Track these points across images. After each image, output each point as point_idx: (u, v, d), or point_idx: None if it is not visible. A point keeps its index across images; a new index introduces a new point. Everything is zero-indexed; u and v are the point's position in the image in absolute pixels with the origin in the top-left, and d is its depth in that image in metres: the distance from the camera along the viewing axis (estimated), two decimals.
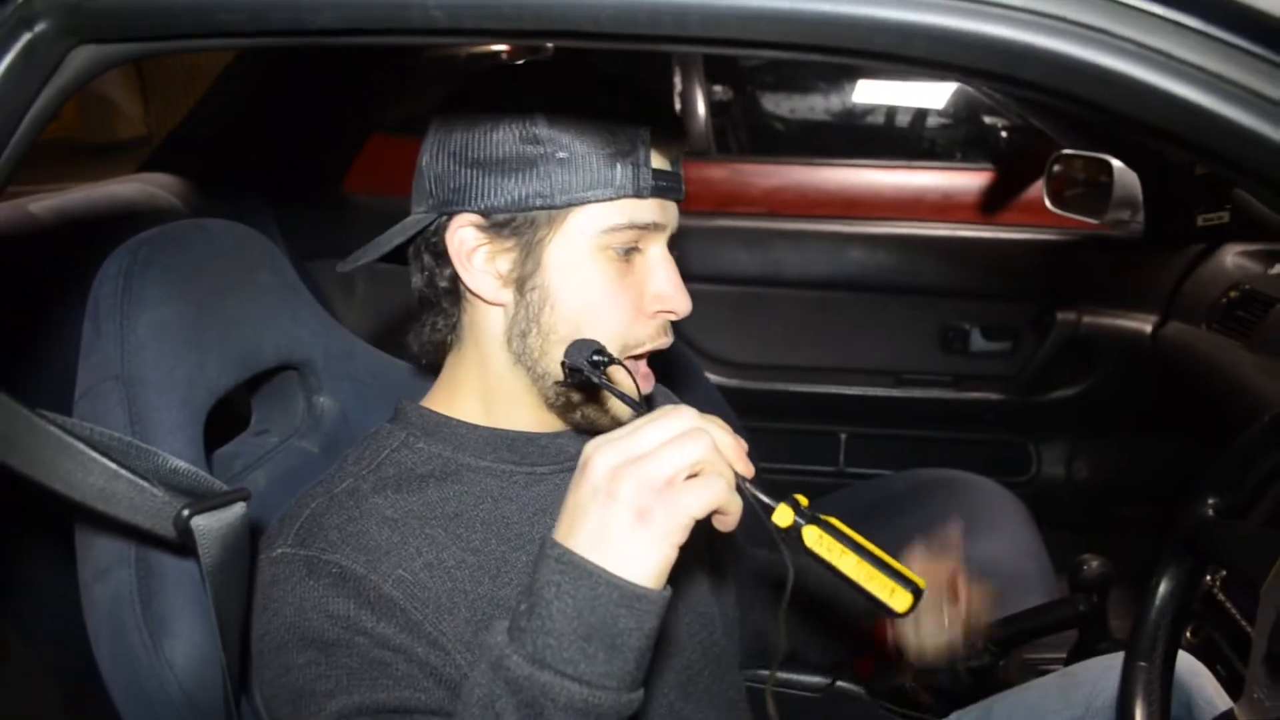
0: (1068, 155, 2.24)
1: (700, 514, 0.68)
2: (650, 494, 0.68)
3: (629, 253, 0.92)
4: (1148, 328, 2.18)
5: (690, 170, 3.29)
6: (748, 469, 0.72)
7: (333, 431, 1.12)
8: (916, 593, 0.71)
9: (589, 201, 0.89)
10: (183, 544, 0.73)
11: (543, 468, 0.99)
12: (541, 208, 0.90)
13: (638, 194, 0.89)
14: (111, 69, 0.71)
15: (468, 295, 0.96)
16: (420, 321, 1.00)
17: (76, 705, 1.26)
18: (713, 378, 2.35)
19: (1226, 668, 1.38)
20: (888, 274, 2.46)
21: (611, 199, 0.89)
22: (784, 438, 2.51)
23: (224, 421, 1.04)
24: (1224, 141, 0.60)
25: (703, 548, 0.80)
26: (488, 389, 0.98)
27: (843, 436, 2.51)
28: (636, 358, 0.95)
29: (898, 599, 0.71)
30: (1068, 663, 1.48)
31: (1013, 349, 2.46)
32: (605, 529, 0.68)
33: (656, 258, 0.93)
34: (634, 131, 0.90)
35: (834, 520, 0.74)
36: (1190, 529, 1.08)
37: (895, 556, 0.75)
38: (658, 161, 0.91)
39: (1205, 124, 0.59)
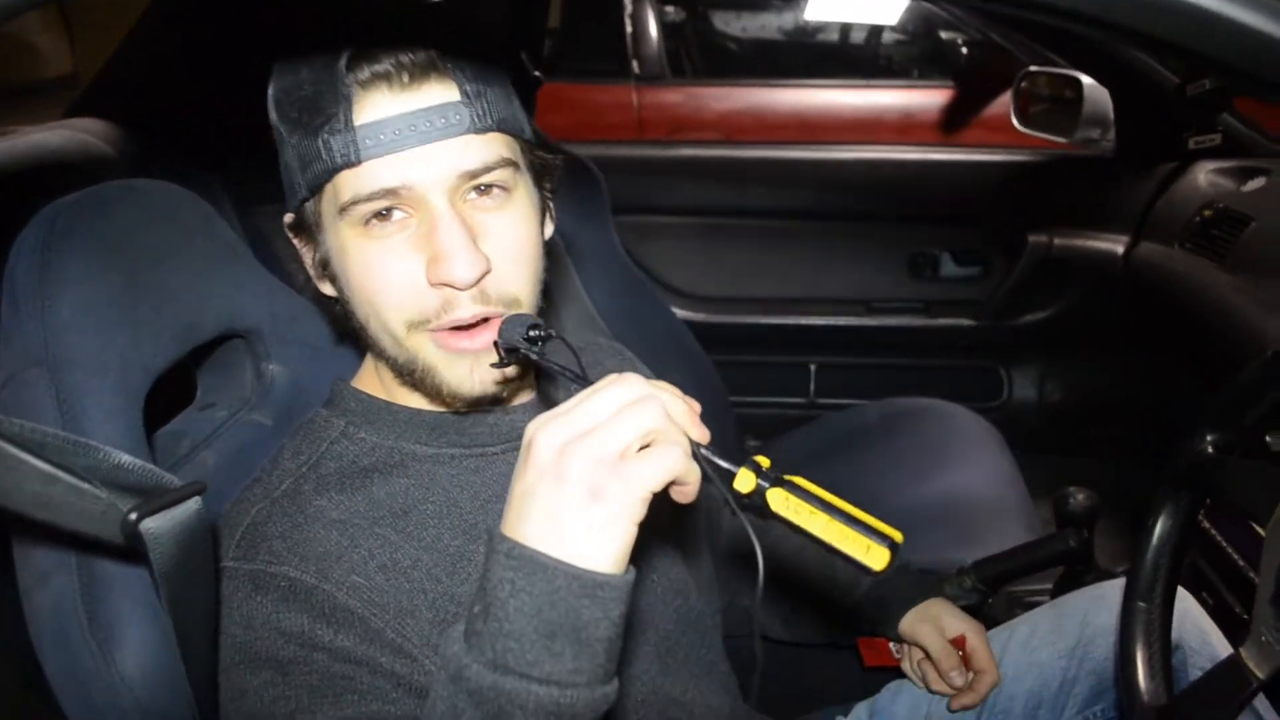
0: (1035, 72, 2.18)
1: (658, 486, 0.62)
2: (602, 470, 0.61)
3: (385, 215, 0.81)
4: (1120, 248, 2.14)
5: (645, 95, 3.22)
6: (702, 434, 0.66)
7: (285, 401, 1.05)
8: (893, 547, 0.66)
9: (319, 184, 0.82)
10: (132, 548, 0.65)
11: (493, 448, 0.93)
12: (296, 203, 0.86)
13: (346, 163, 0.80)
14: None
15: None
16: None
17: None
18: (679, 312, 2.29)
19: (1213, 595, 1.37)
20: (855, 201, 2.40)
21: (328, 178, 0.81)
22: (754, 370, 2.47)
23: (166, 396, 0.96)
24: (1237, 49, 0.55)
25: (666, 514, 0.75)
26: (383, 374, 0.93)
27: (813, 367, 2.47)
28: (456, 330, 0.84)
29: (874, 555, 0.66)
30: (1054, 595, 1.47)
31: (983, 273, 2.42)
32: (557, 514, 0.62)
33: (430, 218, 0.81)
34: (332, 93, 0.79)
35: (800, 480, 0.68)
36: (1188, 465, 1.05)
37: (867, 508, 0.69)
38: (388, 108, 0.79)
39: (1219, 31, 0.54)
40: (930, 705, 1.23)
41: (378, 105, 0.80)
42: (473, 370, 0.86)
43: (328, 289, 0.91)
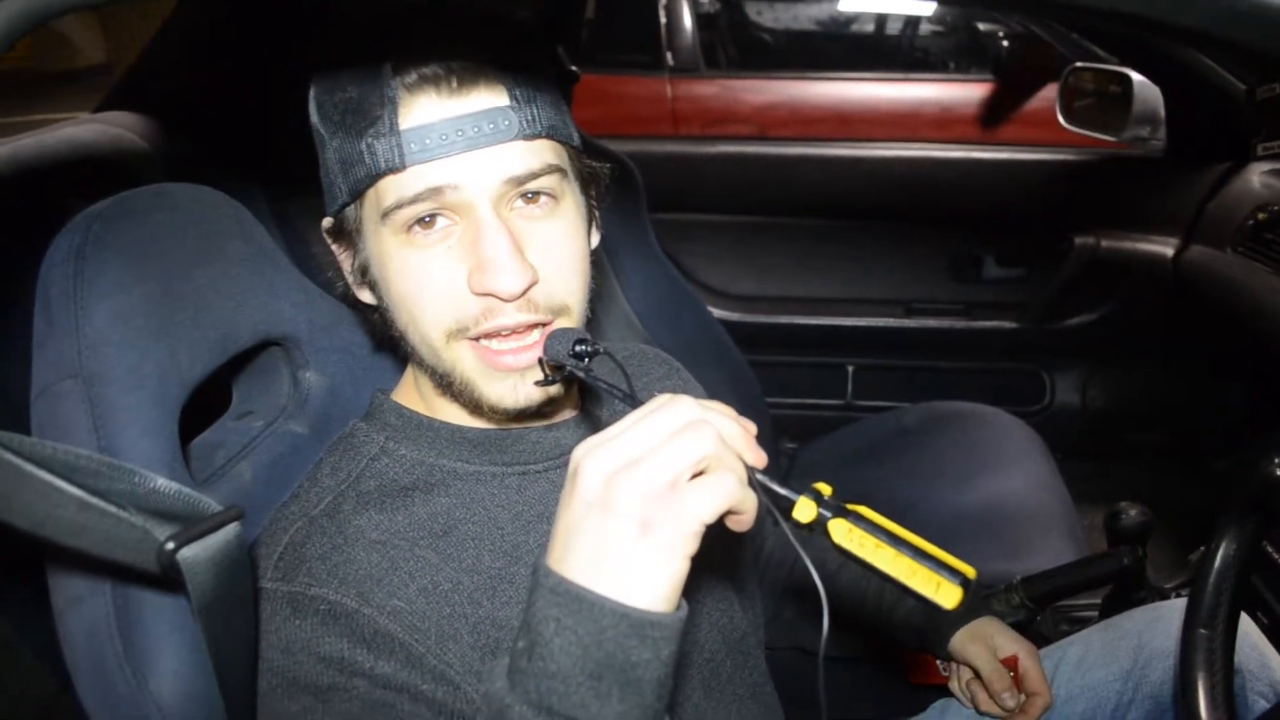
0: (1082, 68, 2.12)
1: (712, 518, 0.58)
2: (653, 502, 0.57)
3: (428, 223, 0.79)
4: (1169, 251, 2.08)
5: (679, 88, 3.18)
6: (759, 458, 0.62)
7: (322, 410, 1.02)
8: (965, 584, 0.62)
9: (362, 189, 0.80)
10: (168, 577, 0.63)
11: (536, 465, 0.90)
12: (339, 207, 0.83)
13: (390, 168, 0.77)
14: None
15: None
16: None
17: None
18: (715, 312, 2.26)
19: (1268, 615, 1.33)
20: (895, 199, 2.35)
21: (370, 183, 0.79)
22: (790, 371, 2.43)
23: (201, 403, 0.94)
24: None
25: (718, 540, 0.71)
26: (423, 386, 0.91)
27: (850, 369, 2.43)
28: (488, 336, 0.81)
29: (945, 594, 0.61)
30: (1103, 611, 1.43)
31: (1027, 275, 2.37)
32: (604, 548, 0.58)
33: (475, 226, 0.78)
34: (377, 96, 0.77)
35: (863, 509, 0.64)
36: (1255, 490, 1.01)
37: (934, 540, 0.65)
38: (434, 113, 0.76)
39: None
40: None
41: (424, 109, 0.77)
42: (516, 386, 0.82)
43: (366, 296, 0.89)
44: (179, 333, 0.84)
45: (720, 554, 1.00)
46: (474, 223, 0.78)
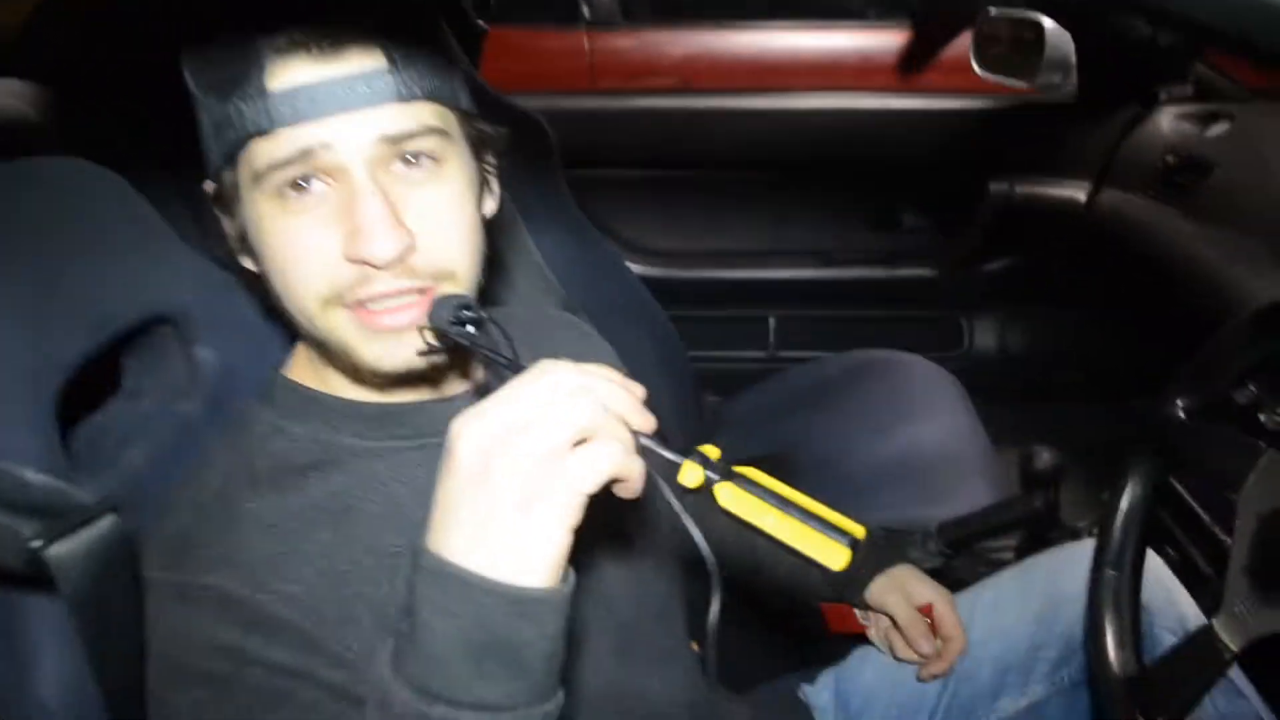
0: (995, 16, 2.12)
1: (594, 488, 0.57)
2: (531, 474, 0.56)
3: (302, 187, 0.75)
4: (1082, 195, 2.10)
5: (598, 41, 3.11)
6: (646, 422, 0.61)
7: (217, 386, 0.98)
8: (854, 544, 0.62)
9: (233, 152, 0.76)
10: (39, 575, 0.60)
11: (434, 439, 0.87)
12: (215, 171, 0.80)
13: (259, 130, 0.74)
14: None
15: None
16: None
17: None
18: (635, 267, 2.23)
19: (1178, 550, 1.36)
20: (814, 151, 2.34)
21: (240, 146, 0.75)
22: (713, 325, 2.42)
23: (93, 385, 0.90)
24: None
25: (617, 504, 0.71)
26: (314, 359, 0.88)
27: (772, 320, 2.43)
28: (367, 304, 0.78)
29: (832, 555, 0.62)
30: (1018, 553, 1.46)
31: (944, 223, 2.39)
32: (482, 524, 0.56)
33: (348, 189, 0.75)
34: (245, 58, 0.74)
35: (751, 472, 0.64)
36: (1158, 430, 1.03)
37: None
38: (305, 75, 0.73)
39: None
40: (897, 673, 1.21)
41: (294, 72, 0.74)
42: (394, 347, 0.79)
43: (249, 264, 0.85)
44: (52, 317, 0.79)
45: (628, 518, 0.99)
46: (348, 187, 0.75)
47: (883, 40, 3.01)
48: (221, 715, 0.70)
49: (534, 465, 0.56)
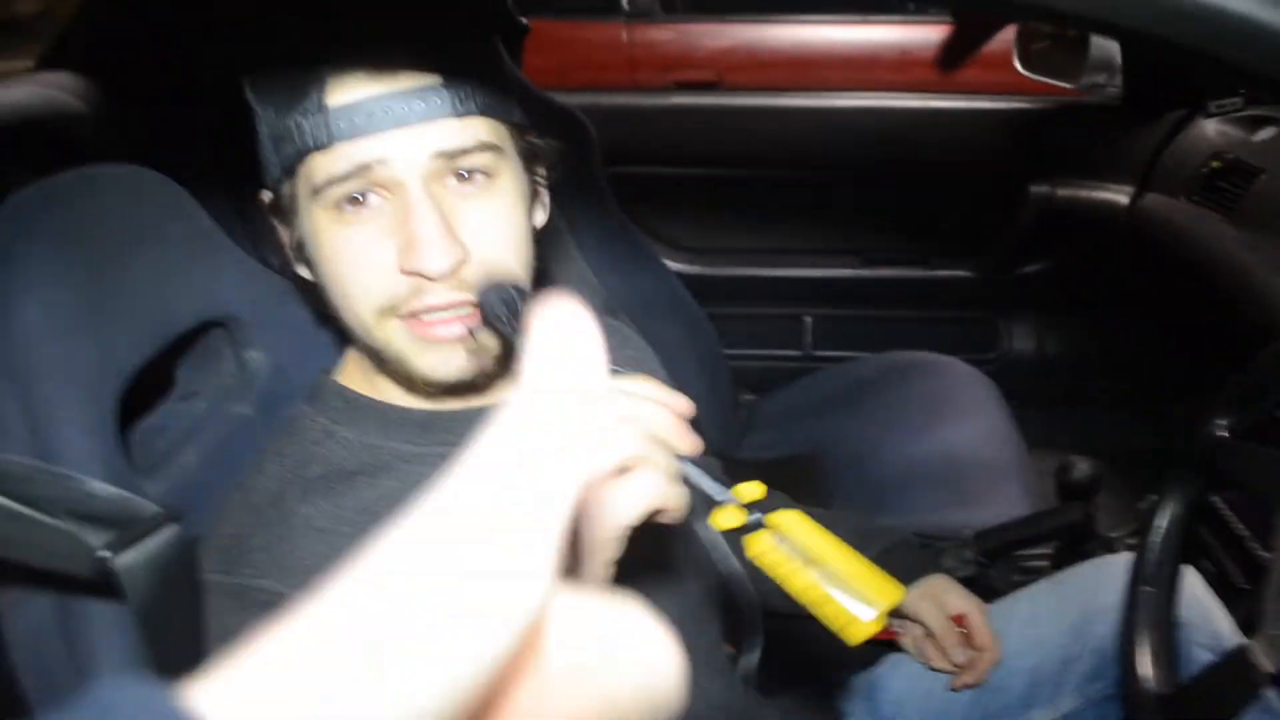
0: None
1: (634, 522, 0.56)
2: None
3: (359, 200, 0.78)
4: (1124, 199, 2.08)
5: (634, 34, 3.10)
6: (691, 445, 0.60)
7: (268, 390, 1.00)
8: (879, 614, 0.59)
9: (293, 165, 0.79)
10: (106, 584, 0.62)
11: None
12: (273, 182, 0.83)
13: (318, 145, 0.76)
14: None
15: None
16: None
17: None
18: (673, 265, 2.24)
19: (1215, 563, 1.36)
20: (852, 150, 2.33)
21: (299, 159, 0.78)
22: (749, 323, 2.42)
23: (146, 385, 0.92)
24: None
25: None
26: (365, 365, 0.90)
27: (809, 319, 2.42)
28: (421, 315, 0.80)
29: (851, 631, 0.58)
30: (1054, 563, 1.46)
31: (983, 224, 2.37)
32: None
33: (403, 203, 0.78)
34: (305, 73, 0.76)
35: (792, 520, 0.61)
36: (1200, 449, 1.03)
37: None
38: (355, 93, 0.76)
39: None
40: (929, 681, 1.22)
41: (352, 88, 0.76)
42: (449, 357, 0.82)
43: (304, 272, 0.88)
44: (113, 320, 0.82)
45: (666, 529, 1.00)
46: (404, 201, 0.77)
47: (922, 34, 2.99)
48: None
49: None
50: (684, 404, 0.63)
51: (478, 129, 0.80)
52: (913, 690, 1.24)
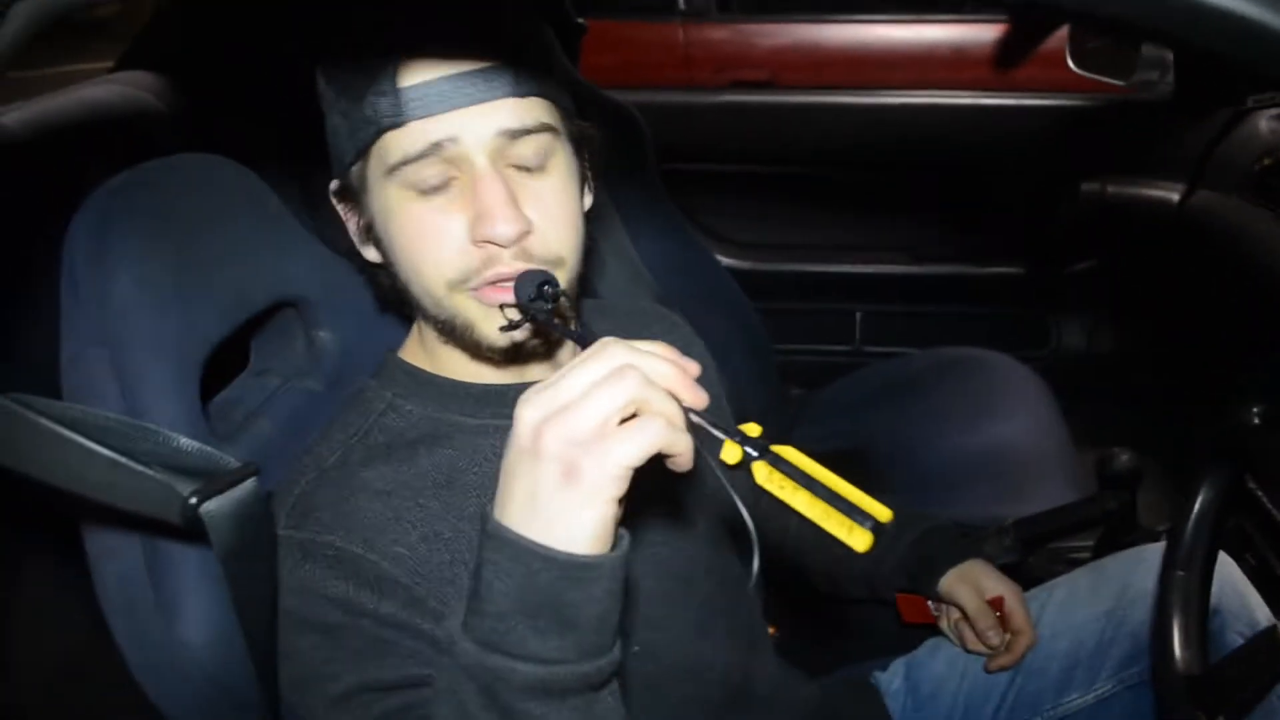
0: None
1: (637, 462, 0.60)
2: (576, 447, 0.60)
3: (437, 187, 0.84)
4: (1175, 196, 2.08)
5: (690, 33, 3.13)
6: (697, 398, 0.64)
7: (335, 367, 1.08)
8: (876, 528, 0.64)
9: (366, 146, 0.85)
10: (192, 530, 0.68)
11: None
12: (343, 168, 0.88)
13: (392, 124, 0.82)
14: None
15: None
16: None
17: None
18: (724, 260, 2.28)
19: (1256, 557, 1.36)
20: (903, 146, 2.35)
21: (373, 139, 0.84)
22: (799, 318, 2.45)
23: (221, 361, 0.99)
24: None
25: (695, 481, 0.75)
26: (428, 342, 0.96)
27: (858, 315, 2.45)
28: (490, 285, 0.85)
29: (856, 536, 0.63)
30: (1094, 554, 1.47)
31: (1035, 221, 2.37)
32: (534, 493, 0.61)
33: (472, 178, 0.83)
34: (377, 57, 0.82)
35: (788, 451, 0.66)
36: (1234, 436, 1.05)
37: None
38: (425, 74, 0.81)
39: None
40: (966, 664, 1.25)
41: (423, 69, 0.82)
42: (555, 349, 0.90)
43: (372, 254, 0.93)
44: (196, 298, 0.89)
45: (703, 503, 1.05)
46: (471, 175, 0.83)
47: (976, 33, 2.99)
48: (334, 657, 0.78)
49: (579, 440, 0.60)
50: (693, 365, 0.67)
51: (537, 110, 0.86)
52: (950, 671, 1.26)
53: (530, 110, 0.85)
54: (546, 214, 0.86)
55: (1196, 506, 1.06)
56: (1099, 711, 1.18)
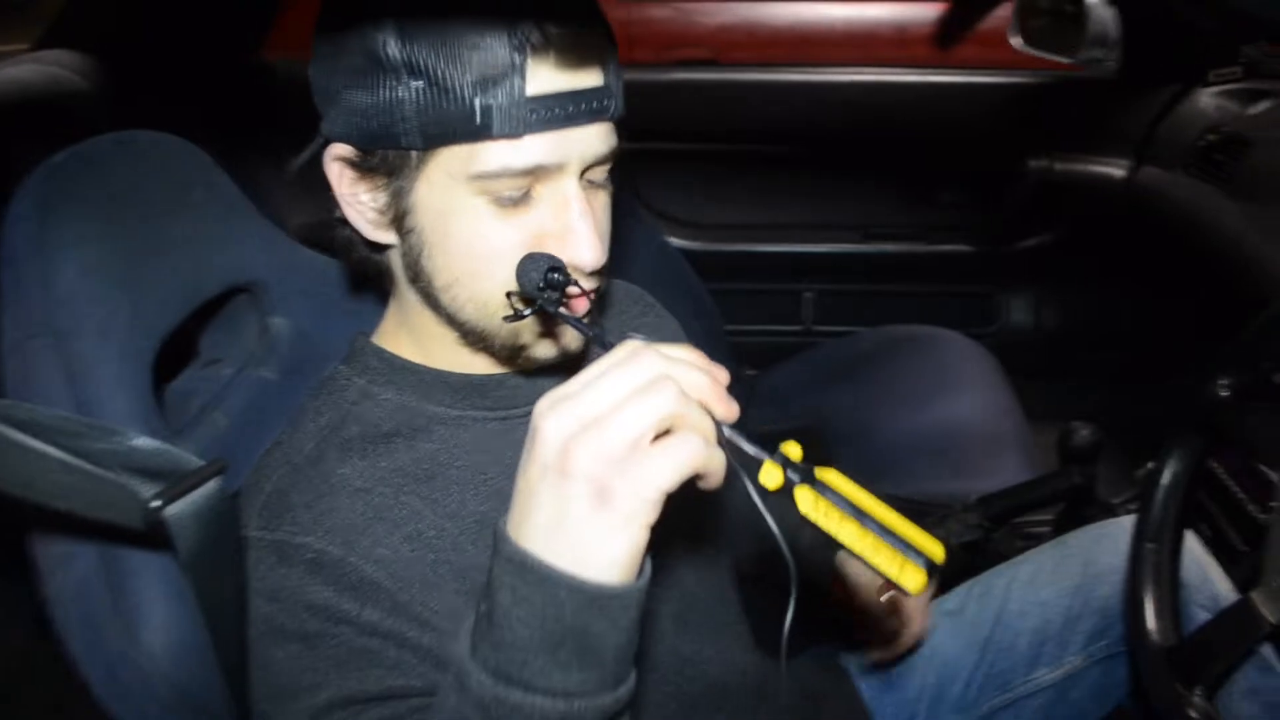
0: None
1: (674, 485, 0.56)
2: (611, 468, 0.55)
3: (524, 199, 0.76)
4: (1121, 172, 2.11)
5: (633, 12, 3.10)
6: (729, 411, 0.60)
7: (291, 353, 1.02)
8: (931, 568, 0.59)
9: (449, 143, 0.73)
10: (155, 534, 0.64)
11: (518, 411, 0.90)
12: (394, 148, 0.75)
13: (509, 133, 0.72)
14: None
15: None
16: (344, 239, 0.87)
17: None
18: (674, 241, 2.25)
19: (1212, 527, 1.39)
20: (851, 125, 2.34)
21: (474, 140, 0.73)
22: (749, 298, 2.44)
23: (170, 352, 0.94)
24: None
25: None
26: (416, 330, 0.88)
27: (809, 294, 2.44)
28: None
29: (908, 575, 0.58)
30: (1056, 529, 1.49)
31: (982, 198, 2.39)
32: (561, 516, 0.56)
33: (561, 197, 0.76)
34: (508, 50, 0.71)
35: (832, 475, 0.61)
36: (1201, 409, 1.05)
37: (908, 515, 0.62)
38: (552, 82, 0.72)
39: None
40: (936, 641, 1.24)
41: (542, 78, 0.72)
42: (566, 341, 0.84)
43: (385, 236, 0.83)
44: (147, 283, 0.83)
45: (700, 500, 1.02)
46: (559, 194, 0.76)
47: (919, 11, 3.00)
48: (314, 668, 0.74)
49: (613, 459, 0.56)
50: (722, 372, 0.62)
51: (615, 133, 0.80)
52: (919, 650, 1.26)
53: (614, 134, 0.79)
54: (602, 230, 0.80)
55: (1165, 479, 1.07)
56: (1068, 685, 1.19)
